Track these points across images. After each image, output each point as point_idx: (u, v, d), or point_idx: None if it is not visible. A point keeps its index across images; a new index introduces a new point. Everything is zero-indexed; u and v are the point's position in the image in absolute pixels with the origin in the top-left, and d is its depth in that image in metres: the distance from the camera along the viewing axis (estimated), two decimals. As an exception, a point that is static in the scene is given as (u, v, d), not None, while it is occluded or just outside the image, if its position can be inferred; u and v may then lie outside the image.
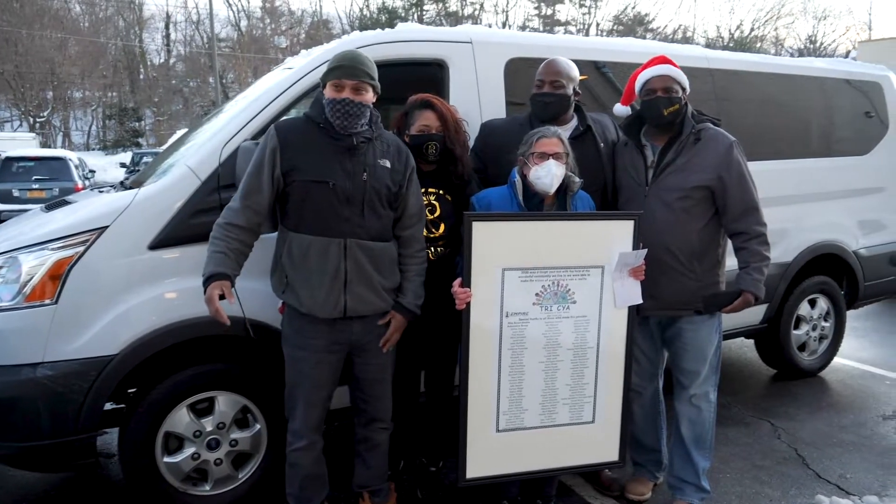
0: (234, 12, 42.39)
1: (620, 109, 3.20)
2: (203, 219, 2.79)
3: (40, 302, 2.64)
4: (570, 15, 46.93)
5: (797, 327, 4.75)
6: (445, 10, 41.90)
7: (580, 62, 3.24)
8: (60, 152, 15.18)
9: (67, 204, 3.24)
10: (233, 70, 39.34)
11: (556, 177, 2.64)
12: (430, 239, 2.85)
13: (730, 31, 46.23)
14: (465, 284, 2.51)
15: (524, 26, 43.46)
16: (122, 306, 2.72)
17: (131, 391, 2.96)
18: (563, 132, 2.80)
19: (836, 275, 4.88)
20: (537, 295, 2.60)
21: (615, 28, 44.09)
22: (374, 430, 2.80)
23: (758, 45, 42.24)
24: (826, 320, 4.90)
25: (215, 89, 29.04)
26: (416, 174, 2.72)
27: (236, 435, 3.00)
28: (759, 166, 3.57)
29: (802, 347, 4.84)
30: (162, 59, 41.95)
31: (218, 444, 2.96)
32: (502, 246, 2.53)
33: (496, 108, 3.41)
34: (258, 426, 3.04)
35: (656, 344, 3.09)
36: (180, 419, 2.88)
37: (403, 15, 39.26)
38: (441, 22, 38.43)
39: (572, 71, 3.04)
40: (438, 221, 2.92)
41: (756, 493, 3.31)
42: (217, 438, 2.95)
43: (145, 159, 18.10)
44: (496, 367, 2.61)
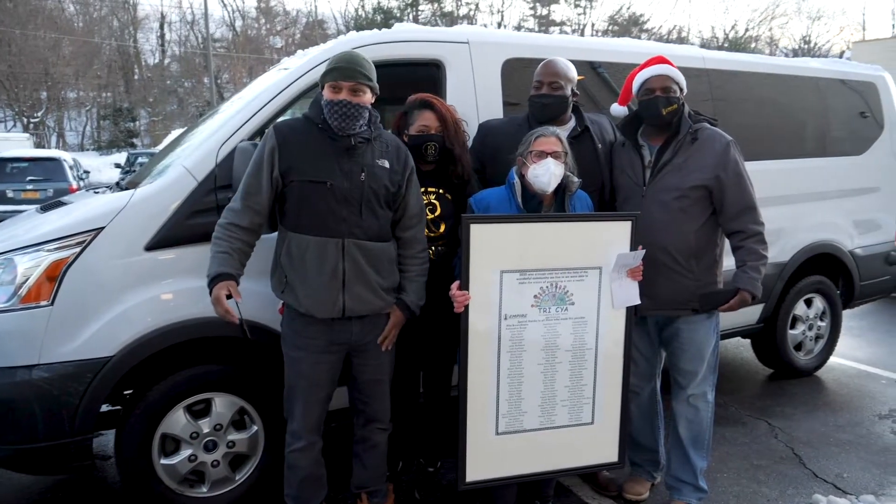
0: (229, 12, 42.27)
1: (617, 109, 3.20)
2: (200, 220, 2.79)
3: (36, 303, 2.62)
4: (566, 15, 47.11)
5: (793, 327, 4.76)
6: (441, 11, 41.85)
7: (577, 62, 3.23)
8: (55, 153, 15.05)
9: (63, 205, 3.22)
10: (228, 70, 39.21)
11: (555, 175, 2.63)
12: (430, 238, 2.84)
13: (724, 31, 46.48)
14: (464, 287, 2.50)
15: (519, 26, 43.44)
16: (119, 308, 2.71)
17: (128, 393, 2.95)
18: (562, 133, 2.80)
19: (832, 274, 4.91)
20: (535, 297, 2.59)
21: (610, 28, 44.14)
22: (373, 430, 2.80)
23: (752, 46, 42.36)
24: (822, 320, 4.92)
25: (210, 90, 28.97)
26: (416, 174, 2.71)
27: (233, 436, 2.99)
28: (755, 166, 3.57)
29: (799, 347, 4.86)
30: (157, 60, 41.79)
31: (215, 445, 2.95)
32: (500, 248, 2.52)
33: (493, 109, 3.41)
34: (255, 427, 3.04)
35: (654, 344, 3.09)
36: (177, 421, 2.87)
37: (399, 15, 39.18)
38: (436, 22, 38.32)
39: (570, 72, 3.04)
40: (439, 221, 2.91)
41: (753, 493, 3.32)
42: (214, 440, 2.94)
43: (140, 160, 17.96)
44: (495, 370, 2.60)
